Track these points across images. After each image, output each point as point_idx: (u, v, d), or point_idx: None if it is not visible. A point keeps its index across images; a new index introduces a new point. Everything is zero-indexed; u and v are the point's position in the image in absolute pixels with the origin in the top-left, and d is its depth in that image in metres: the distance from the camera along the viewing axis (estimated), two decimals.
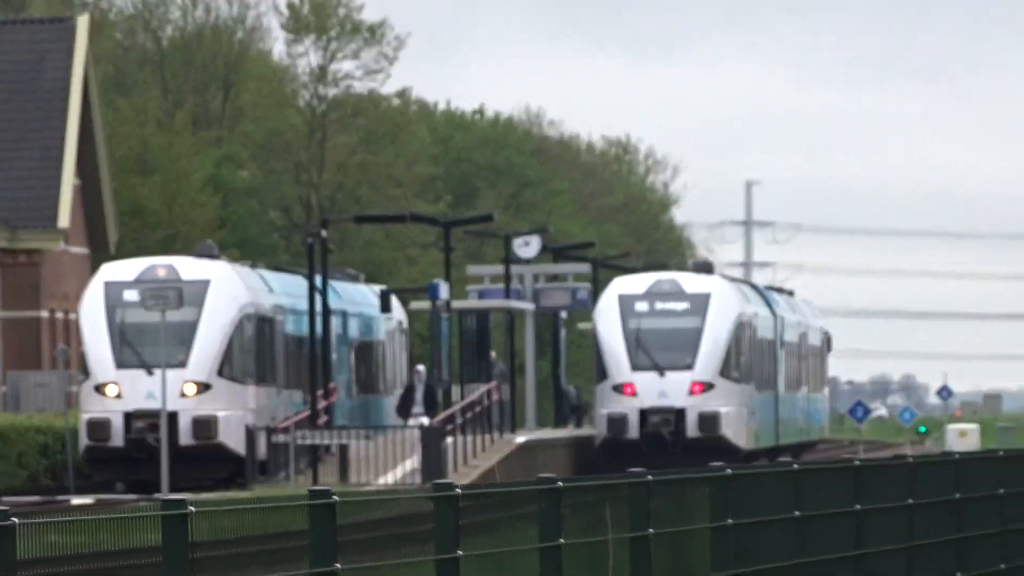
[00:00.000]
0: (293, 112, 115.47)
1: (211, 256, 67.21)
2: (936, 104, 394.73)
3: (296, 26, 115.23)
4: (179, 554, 10.45)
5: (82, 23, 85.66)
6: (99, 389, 62.89)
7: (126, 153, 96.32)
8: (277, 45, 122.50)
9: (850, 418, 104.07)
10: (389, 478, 62.41)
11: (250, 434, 62.73)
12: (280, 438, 63.26)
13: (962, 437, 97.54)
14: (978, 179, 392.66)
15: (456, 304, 79.44)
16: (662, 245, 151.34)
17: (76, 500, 57.81)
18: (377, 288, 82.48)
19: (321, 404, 66.75)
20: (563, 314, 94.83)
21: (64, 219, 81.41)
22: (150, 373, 61.62)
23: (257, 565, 12.43)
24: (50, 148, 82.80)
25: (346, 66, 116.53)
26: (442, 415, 68.02)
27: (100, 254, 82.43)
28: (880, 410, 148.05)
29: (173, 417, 60.68)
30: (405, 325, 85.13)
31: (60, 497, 59.77)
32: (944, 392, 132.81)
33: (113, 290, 63.73)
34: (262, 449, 63.50)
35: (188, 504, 10.62)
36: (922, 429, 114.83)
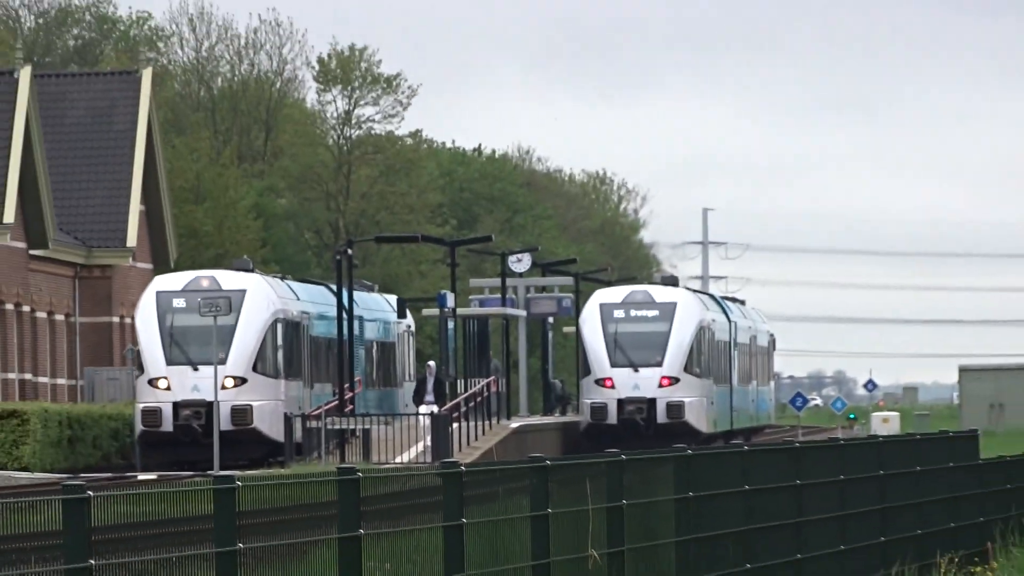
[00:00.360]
0: (323, 150, 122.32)
1: (246, 269, 68.61)
2: (862, 140, 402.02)
3: (325, 78, 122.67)
4: (228, 521, 11.11)
5: (146, 75, 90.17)
6: (152, 383, 64.23)
7: (183, 184, 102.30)
8: (310, 94, 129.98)
9: (791, 407, 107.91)
10: (404, 457, 63.67)
11: (288, 420, 64.00)
12: (313, 423, 64.60)
13: (885, 423, 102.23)
14: (899, 205, 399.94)
15: (460, 311, 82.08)
16: (632, 262, 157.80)
17: (142, 476, 58.37)
18: (391, 297, 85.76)
19: (347, 395, 67.88)
20: (550, 319, 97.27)
21: (132, 239, 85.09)
22: (195, 369, 63.71)
23: (294, 531, 12.98)
24: (120, 180, 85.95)
25: (367, 111, 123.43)
26: (449, 404, 69.12)
27: (162, 268, 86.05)
28: (816, 400, 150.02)
29: (196, 416, 63.07)
30: (413, 328, 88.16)
31: (128, 474, 61.50)
32: (870, 385, 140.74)
33: (164, 298, 65.42)
34: (297, 433, 64.87)
35: (236, 479, 11.22)
36: (851, 416, 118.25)
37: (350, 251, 69.98)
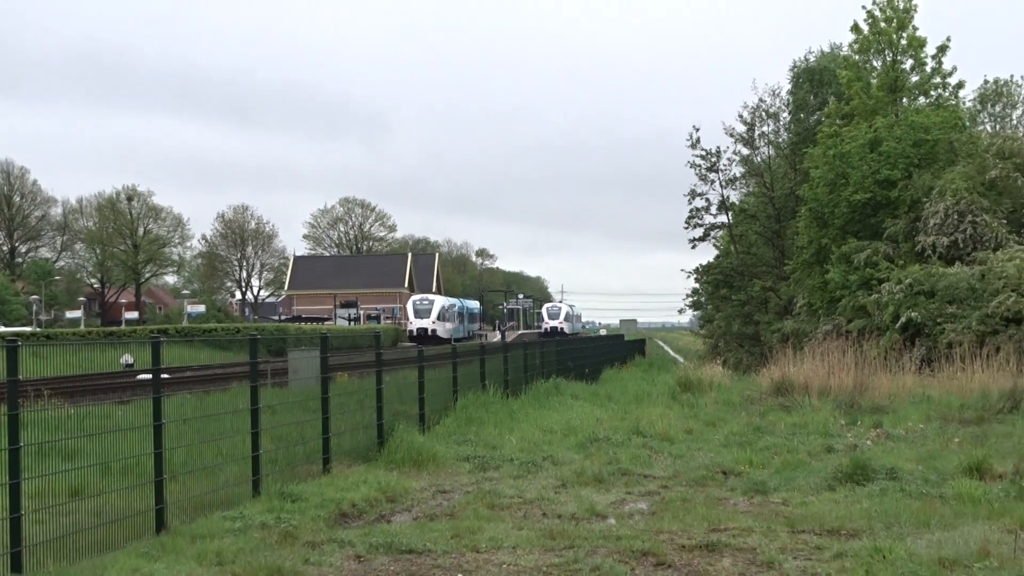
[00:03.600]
0: (480, 273, 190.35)
1: (434, 293, 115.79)
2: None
3: (480, 255, 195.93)
4: (454, 359, 23.22)
5: (437, 257, 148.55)
6: (409, 322, 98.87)
7: (449, 275, 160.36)
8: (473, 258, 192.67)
9: (583, 329, 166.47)
10: (494, 339, 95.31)
11: (468, 334, 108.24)
12: (475, 332, 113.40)
13: (604, 331, 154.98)
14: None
15: (508, 307, 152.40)
16: (546, 297, 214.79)
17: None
18: (476, 303, 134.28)
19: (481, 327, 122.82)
20: (529, 308, 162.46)
21: (432, 289, 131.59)
22: (422, 319, 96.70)
23: (469, 356, 25.89)
24: (430, 274, 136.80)
25: (488, 262, 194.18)
26: (504, 329, 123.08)
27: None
28: (560, 327, 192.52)
29: (426, 330, 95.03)
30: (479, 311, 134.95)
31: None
32: (600, 322, 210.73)
33: (415, 300, 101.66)
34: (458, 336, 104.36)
35: (456, 346, 26.91)
36: (596, 331, 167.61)
37: (483, 295, 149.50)
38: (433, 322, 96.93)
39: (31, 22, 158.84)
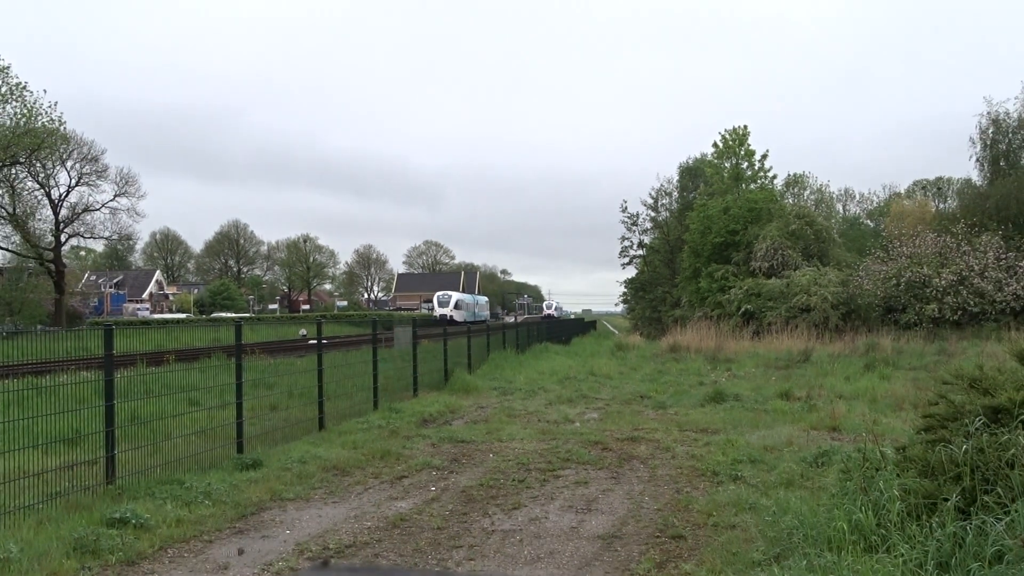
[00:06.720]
0: (502, 282, 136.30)
1: (451, 290, 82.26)
2: None
3: (501, 272, 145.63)
4: (487, 332, 20.61)
5: (477, 273, 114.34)
6: (432, 310, 72.88)
7: (484, 284, 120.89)
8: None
9: (563, 314, 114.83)
10: (508, 320, 79.51)
11: (480, 319, 77.86)
12: (486, 318, 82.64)
13: (572, 316, 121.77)
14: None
15: (518, 302, 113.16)
16: (542, 297, 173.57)
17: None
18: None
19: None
20: (531, 303, 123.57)
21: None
22: (443, 308, 71.66)
23: (496, 330, 22.60)
24: (473, 287, 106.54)
25: (514, 279, 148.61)
26: (516, 315, 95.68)
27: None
28: (552, 314, 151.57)
29: (446, 315, 68.81)
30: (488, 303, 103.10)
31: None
32: (568, 312, 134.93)
33: (438, 294, 76.02)
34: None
35: (470, 327, 19.69)
36: (569, 315, 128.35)
37: (504, 296, 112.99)
38: (451, 310, 74.32)
39: (231, 135, 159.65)
